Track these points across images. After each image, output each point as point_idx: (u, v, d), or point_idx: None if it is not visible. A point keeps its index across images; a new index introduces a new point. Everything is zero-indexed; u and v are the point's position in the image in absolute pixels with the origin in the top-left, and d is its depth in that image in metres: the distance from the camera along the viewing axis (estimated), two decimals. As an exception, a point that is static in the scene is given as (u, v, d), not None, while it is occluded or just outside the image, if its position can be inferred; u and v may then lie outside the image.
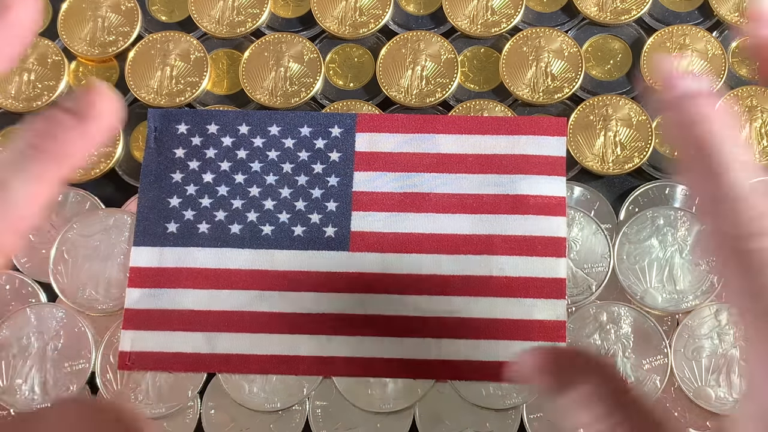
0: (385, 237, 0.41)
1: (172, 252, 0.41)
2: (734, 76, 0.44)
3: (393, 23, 0.45)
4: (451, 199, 0.41)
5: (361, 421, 0.39)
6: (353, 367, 0.39)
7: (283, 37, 0.45)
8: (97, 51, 0.45)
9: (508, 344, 0.39)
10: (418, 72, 0.44)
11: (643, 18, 0.44)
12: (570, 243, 0.41)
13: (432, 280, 0.40)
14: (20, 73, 0.45)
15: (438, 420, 0.39)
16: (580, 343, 0.40)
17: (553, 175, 0.41)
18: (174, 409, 0.40)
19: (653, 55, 0.43)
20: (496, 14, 0.45)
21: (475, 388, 0.39)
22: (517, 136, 0.42)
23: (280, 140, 0.42)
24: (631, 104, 0.43)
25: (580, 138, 0.42)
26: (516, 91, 0.43)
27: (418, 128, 0.42)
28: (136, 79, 0.44)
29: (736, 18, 0.44)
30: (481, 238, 0.40)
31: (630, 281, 0.40)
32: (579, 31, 0.45)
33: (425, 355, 0.39)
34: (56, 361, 0.40)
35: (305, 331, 0.40)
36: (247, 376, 0.40)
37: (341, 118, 0.43)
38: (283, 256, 0.41)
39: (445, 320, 0.40)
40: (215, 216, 0.41)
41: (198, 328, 0.40)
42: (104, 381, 0.40)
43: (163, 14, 0.47)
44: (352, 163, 0.42)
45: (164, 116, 0.43)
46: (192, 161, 0.42)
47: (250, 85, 0.44)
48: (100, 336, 0.41)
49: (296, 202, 0.42)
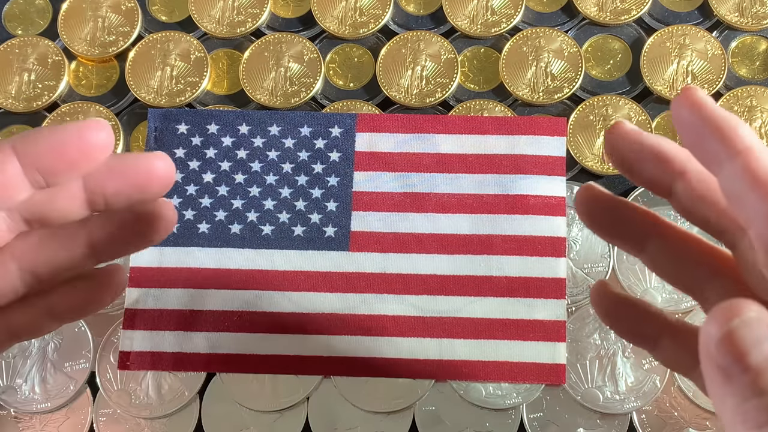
0: (385, 237, 0.41)
1: (172, 252, 0.41)
2: (734, 76, 0.44)
3: (393, 23, 0.45)
4: (451, 199, 0.41)
5: (361, 421, 0.39)
6: (353, 367, 0.39)
7: (283, 37, 0.45)
8: (97, 51, 0.45)
9: (508, 344, 0.39)
10: (418, 72, 0.44)
11: (643, 18, 0.45)
12: (570, 243, 0.41)
13: (432, 280, 0.40)
14: (20, 73, 0.45)
15: (438, 420, 0.39)
16: (580, 344, 0.40)
17: (553, 175, 0.41)
18: (174, 409, 0.40)
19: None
20: (496, 14, 0.45)
21: (475, 388, 0.39)
22: (517, 136, 0.42)
23: (280, 140, 0.42)
24: (631, 104, 0.43)
25: (580, 138, 0.42)
26: (516, 91, 0.43)
27: (418, 128, 0.42)
28: (136, 79, 0.44)
29: (736, 18, 0.44)
30: (481, 238, 0.40)
31: (630, 281, 0.40)
32: (579, 31, 0.45)
33: (425, 355, 0.39)
34: (56, 361, 0.40)
35: (305, 331, 0.40)
36: (247, 376, 0.40)
37: (341, 118, 0.43)
38: (283, 256, 0.41)
39: (445, 320, 0.40)
40: (215, 216, 0.41)
41: (198, 328, 0.40)
42: (104, 381, 0.40)
43: (163, 14, 0.47)
44: (352, 163, 0.42)
45: (164, 116, 0.43)
46: (192, 161, 0.42)
47: (250, 85, 0.44)
48: (100, 336, 0.41)
49: (296, 202, 0.42)
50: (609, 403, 0.39)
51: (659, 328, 0.27)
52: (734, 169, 0.21)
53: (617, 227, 0.27)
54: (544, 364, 0.39)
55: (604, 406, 0.39)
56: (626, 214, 0.27)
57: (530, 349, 0.39)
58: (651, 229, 0.27)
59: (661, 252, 0.27)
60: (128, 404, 0.40)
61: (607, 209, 0.27)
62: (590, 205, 0.27)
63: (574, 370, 0.39)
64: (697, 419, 0.39)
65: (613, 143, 0.25)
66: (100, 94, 0.45)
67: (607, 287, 0.28)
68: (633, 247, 0.27)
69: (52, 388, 0.40)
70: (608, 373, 0.39)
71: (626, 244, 0.27)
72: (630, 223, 0.27)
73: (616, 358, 0.39)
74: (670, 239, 0.26)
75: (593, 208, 0.27)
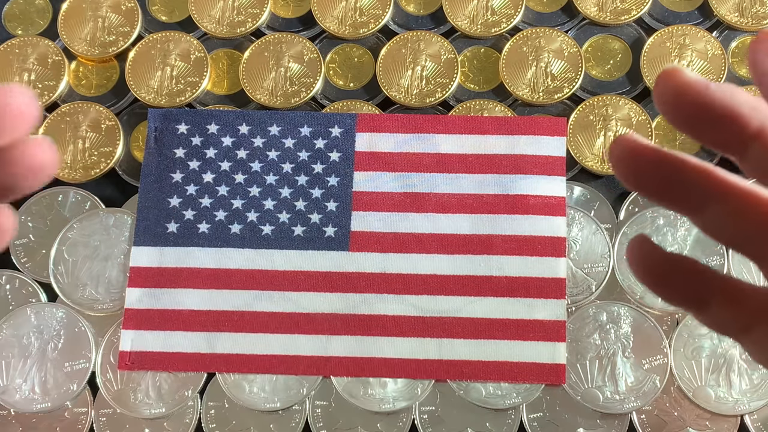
0: (385, 237, 0.41)
1: (172, 252, 0.41)
2: (734, 76, 0.44)
3: (393, 23, 0.45)
4: (451, 199, 0.41)
5: (361, 421, 0.39)
6: (353, 367, 0.39)
7: (283, 37, 0.45)
8: (97, 51, 0.45)
9: (508, 344, 0.39)
10: (418, 72, 0.44)
11: (643, 18, 0.44)
12: (570, 243, 0.41)
13: (432, 280, 0.40)
14: (20, 73, 0.45)
15: (438, 420, 0.39)
16: (580, 344, 0.40)
17: (553, 175, 0.41)
18: (174, 409, 0.40)
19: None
20: (496, 14, 0.45)
21: (475, 388, 0.39)
22: (517, 136, 0.42)
23: (280, 140, 0.42)
24: (631, 104, 0.43)
25: (580, 138, 0.42)
26: (516, 91, 0.43)
27: (418, 128, 0.42)
28: (136, 79, 0.44)
29: (736, 18, 0.44)
30: (481, 238, 0.40)
31: (630, 281, 0.40)
32: (579, 31, 0.45)
33: (425, 355, 0.39)
34: (56, 361, 0.40)
35: (305, 331, 0.40)
36: (247, 376, 0.40)
37: (341, 118, 0.43)
38: (283, 256, 0.41)
39: (445, 320, 0.40)
40: (215, 216, 0.41)
41: (198, 328, 0.40)
42: (104, 381, 0.40)
43: (163, 14, 0.47)
44: (352, 163, 0.42)
45: (164, 116, 0.43)
46: (192, 161, 0.42)
47: (250, 85, 0.44)
48: (100, 336, 0.41)
49: (296, 202, 0.42)
50: (609, 403, 0.39)
51: (710, 288, 0.23)
52: None
53: (669, 188, 0.23)
54: (544, 364, 0.39)
55: (604, 406, 0.39)
56: (679, 173, 0.22)
57: (530, 349, 0.39)
58: (712, 189, 0.22)
59: (723, 216, 0.22)
60: (128, 404, 0.40)
61: (653, 164, 0.22)
62: (631, 163, 0.22)
63: (574, 370, 0.39)
64: (697, 419, 0.39)
65: (670, 95, 0.21)
66: (100, 94, 0.45)
67: (649, 243, 0.23)
68: (690, 211, 0.23)
69: (52, 388, 0.40)
70: (608, 373, 0.39)
71: (681, 208, 0.23)
72: (684, 183, 0.22)
73: (616, 358, 0.39)
74: (734, 201, 0.22)
75: (636, 165, 0.22)
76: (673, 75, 0.21)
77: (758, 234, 0.22)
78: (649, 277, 0.23)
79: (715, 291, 0.23)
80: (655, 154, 0.22)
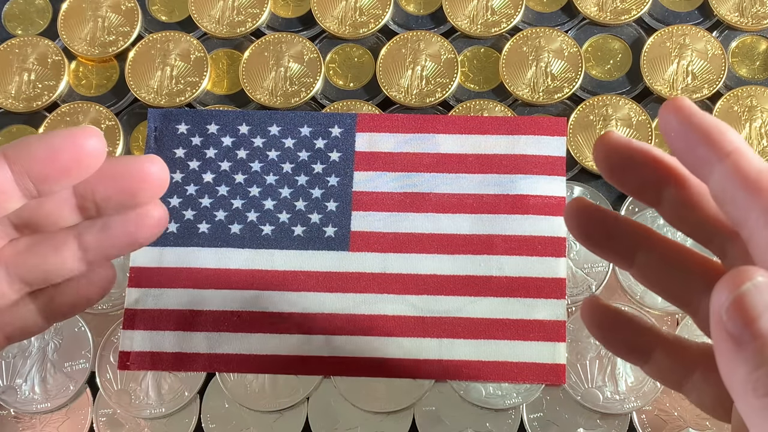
0: (385, 237, 0.41)
1: (172, 252, 0.41)
2: (734, 76, 0.44)
3: (393, 23, 0.45)
4: (451, 199, 0.41)
5: (361, 421, 0.39)
6: (353, 367, 0.39)
7: (283, 37, 0.45)
8: (97, 51, 0.45)
9: (508, 344, 0.39)
10: (418, 72, 0.44)
11: (643, 18, 0.44)
12: (570, 243, 0.41)
13: (432, 280, 0.40)
14: (20, 73, 0.45)
15: (438, 420, 0.39)
16: (580, 344, 0.40)
17: (553, 175, 0.41)
18: (174, 409, 0.40)
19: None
20: (496, 14, 0.45)
21: (475, 388, 0.39)
22: (517, 136, 0.42)
23: (280, 140, 0.42)
24: (631, 104, 0.43)
25: (580, 138, 0.42)
26: (516, 91, 0.43)
27: (418, 128, 0.42)
28: (136, 79, 0.44)
29: (736, 18, 0.44)
30: (481, 238, 0.40)
31: (630, 281, 0.40)
32: (579, 31, 0.45)
33: (425, 355, 0.39)
34: (56, 361, 0.40)
35: (305, 331, 0.40)
36: (247, 376, 0.40)
37: (341, 118, 0.43)
38: (283, 256, 0.41)
39: (445, 320, 0.40)
40: (215, 216, 0.41)
41: (198, 328, 0.40)
42: (104, 381, 0.40)
43: (163, 14, 0.47)
44: (352, 163, 0.42)
45: (164, 116, 0.43)
46: (192, 161, 0.42)
47: (250, 85, 0.44)
48: (100, 336, 0.41)
49: (296, 202, 0.42)
50: (609, 403, 0.39)
51: (652, 343, 0.27)
52: (724, 170, 0.21)
53: (607, 240, 0.27)
54: (544, 364, 0.39)
55: (604, 406, 0.39)
56: (616, 227, 0.27)
57: (530, 349, 0.39)
58: (641, 241, 0.26)
59: (652, 264, 0.26)
60: (128, 404, 0.40)
61: (596, 222, 0.27)
62: (580, 218, 0.27)
63: (574, 370, 0.39)
64: (697, 419, 0.39)
65: (602, 152, 0.25)
66: (100, 94, 0.45)
67: (599, 301, 0.28)
68: (623, 260, 0.27)
69: (52, 388, 0.40)
70: (608, 373, 0.39)
71: (616, 257, 0.27)
72: (620, 235, 0.27)
73: (616, 358, 0.39)
74: (660, 251, 0.26)
75: (583, 221, 0.27)
76: (604, 137, 0.25)
77: (683, 282, 0.25)
78: (599, 333, 0.28)
79: (657, 346, 0.27)
80: (598, 215, 0.27)
